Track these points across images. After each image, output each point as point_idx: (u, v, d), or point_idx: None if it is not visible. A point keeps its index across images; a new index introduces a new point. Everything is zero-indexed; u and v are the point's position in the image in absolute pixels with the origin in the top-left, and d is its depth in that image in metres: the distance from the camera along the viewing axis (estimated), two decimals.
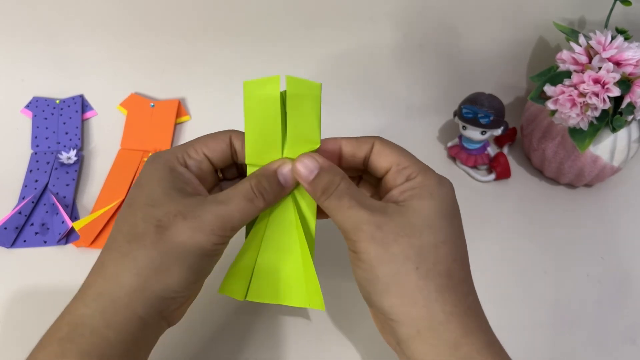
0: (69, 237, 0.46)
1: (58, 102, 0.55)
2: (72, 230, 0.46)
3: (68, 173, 0.50)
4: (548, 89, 0.43)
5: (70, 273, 0.36)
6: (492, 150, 0.52)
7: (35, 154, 0.51)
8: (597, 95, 0.41)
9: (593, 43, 0.41)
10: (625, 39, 0.42)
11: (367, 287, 0.29)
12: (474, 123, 0.48)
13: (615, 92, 0.40)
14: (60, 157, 0.50)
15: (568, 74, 0.43)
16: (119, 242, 0.28)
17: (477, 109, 0.48)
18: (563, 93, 0.42)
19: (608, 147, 0.46)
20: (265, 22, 0.52)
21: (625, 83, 0.41)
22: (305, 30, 0.53)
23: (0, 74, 0.55)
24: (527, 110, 0.52)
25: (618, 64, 0.41)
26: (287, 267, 0.34)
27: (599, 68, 0.41)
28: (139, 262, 0.27)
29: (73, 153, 0.51)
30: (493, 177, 0.52)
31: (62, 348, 0.26)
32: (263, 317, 0.41)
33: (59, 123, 0.53)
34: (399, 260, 0.28)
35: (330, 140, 0.33)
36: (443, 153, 0.55)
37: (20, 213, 0.46)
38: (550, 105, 0.43)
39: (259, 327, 0.41)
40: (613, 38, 0.41)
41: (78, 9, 0.52)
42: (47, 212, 0.47)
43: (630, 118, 0.43)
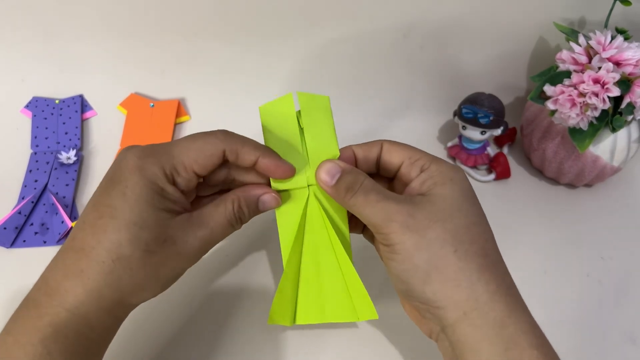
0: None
1: (58, 102, 0.55)
2: (71, 230, 0.46)
3: (68, 173, 0.50)
4: (548, 89, 0.43)
5: None
6: (492, 150, 0.52)
7: (35, 154, 0.51)
8: (597, 95, 0.41)
9: (593, 43, 0.41)
10: (625, 39, 0.42)
11: (406, 278, 0.29)
12: (474, 123, 0.48)
13: (615, 92, 0.40)
14: (60, 157, 0.50)
15: (568, 74, 0.43)
16: (102, 256, 0.28)
17: (477, 109, 0.48)
18: (563, 93, 0.42)
19: (608, 147, 0.46)
20: (266, 22, 0.52)
21: (625, 83, 0.41)
22: (306, 31, 0.53)
23: (0, 74, 0.55)
24: (527, 110, 0.52)
25: (618, 64, 0.41)
26: (330, 284, 0.34)
27: (599, 68, 0.41)
28: (123, 282, 0.28)
29: (73, 153, 0.51)
30: (493, 177, 0.52)
31: (47, 348, 0.27)
32: (263, 316, 0.41)
33: (59, 123, 0.53)
34: (437, 245, 0.28)
35: (343, 149, 0.33)
36: (443, 153, 0.55)
37: (20, 213, 0.46)
38: (550, 105, 0.43)
39: (259, 326, 0.41)
40: (613, 38, 0.41)
41: (78, 9, 0.52)
42: (46, 212, 0.47)
43: (630, 118, 0.43)
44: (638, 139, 0.48)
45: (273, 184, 0.33)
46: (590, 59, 0.42)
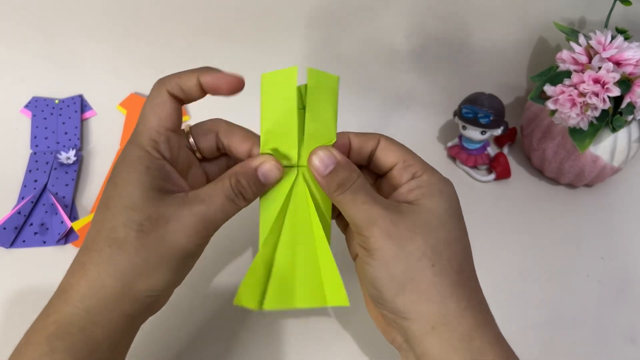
0: (68, 237, 0.46)
1: (57, 102, 0.55)
2: (71, 230, 0.45)
3: (67, 173, 0.50)
4: (548, 89, 0.43)
5: None
6: (492, 150, 0.52)
7: (35, 154, 0.51)
8: (597, 95, 0.41)
9: (593, 43, 0.41)
10: (625, 39, 0.42)
11: (379, 286, 0.28)
12: (474, 123, 0.48)
13: (615, 92, 0.40)
14: (60, 157, 0.50)
15: (568, 74, 0.42)
16: (100, 245, 0.28)
17: (477, 109, 0.48)
18: (563, 93, 0.42)
19: (608, 147, 0.46)
20: (266, 22, 0.52)
21: (625, 83, 0.41)
22: (306, 30, 0.53)
23: (0, 74, 0.55)
24: (527, 110, 0.52)
25: (618, 64, 0.41)
26: (304, 268, 0.33)
27: (599, 68, 0.41)
28: (122, 267, 0.27)
29: (72, 153, 0.51)
30: (493, 177, 0.52)
31: (50, 346, 0.26)
32: (263, 316, 0.41)
33: (58, 123, 0.53)
34: (415, 258, 0.28)
35: (339, 134, 0.33)
36: (443, 153, 0.55)
37: (20, 213, 0.46)
38: (550, 105, 0.43)
39: (259, 326, 0.41)
40: (613, 38, 0.41)
41: (78, 9, 0.51)
42: (46, 212, 0.47)
43: (630, 118, 0.43)
44: (638, 139, 0.48)
45: (262, 150, 0.31)
46: (591, 59, 0.42)
